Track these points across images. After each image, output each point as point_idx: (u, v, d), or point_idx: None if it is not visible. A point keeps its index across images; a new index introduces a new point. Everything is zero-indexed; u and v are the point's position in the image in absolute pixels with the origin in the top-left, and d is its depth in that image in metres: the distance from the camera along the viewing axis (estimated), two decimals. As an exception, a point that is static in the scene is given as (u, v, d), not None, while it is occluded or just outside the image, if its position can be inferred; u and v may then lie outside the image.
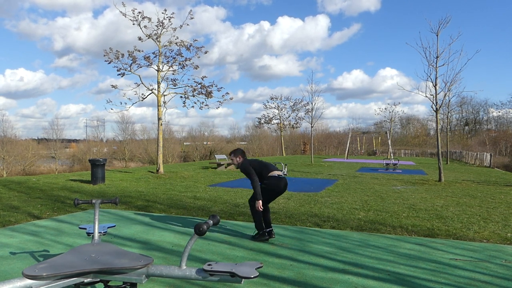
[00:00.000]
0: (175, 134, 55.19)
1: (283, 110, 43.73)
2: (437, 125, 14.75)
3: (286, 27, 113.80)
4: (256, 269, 2.49)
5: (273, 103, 43.66)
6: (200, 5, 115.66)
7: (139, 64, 15.54)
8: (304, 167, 21.40)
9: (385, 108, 50.12)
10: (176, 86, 16.23)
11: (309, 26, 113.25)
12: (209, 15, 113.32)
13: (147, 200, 8.55)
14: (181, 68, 16.00)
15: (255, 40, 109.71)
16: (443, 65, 13.82)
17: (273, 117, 44.05)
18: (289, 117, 43.98)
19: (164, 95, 15.81)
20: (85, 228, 3.55)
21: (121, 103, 24.65)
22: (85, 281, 2.43)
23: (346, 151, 34.30)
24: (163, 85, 15.82)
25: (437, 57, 13.61)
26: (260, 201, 4.94)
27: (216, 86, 16.45)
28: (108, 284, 2.63)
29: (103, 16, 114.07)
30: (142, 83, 15.78)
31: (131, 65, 15.44)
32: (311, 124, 26.03)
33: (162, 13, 15.90)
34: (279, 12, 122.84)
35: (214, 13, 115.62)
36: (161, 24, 15.39)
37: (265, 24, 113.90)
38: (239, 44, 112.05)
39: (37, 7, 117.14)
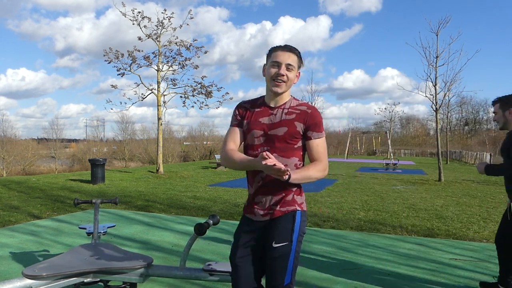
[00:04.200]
0: (175, 134, 55.13)
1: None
2: (437, 125, 14.75)
3: (288, 27, 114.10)
4: (256, 269, 2.49)
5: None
6: (202, 5, 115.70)
7: (139, 64, 15.55)
8: (304, 167, 21.38)
9: (385, 108, 50.08)
10: (176, 86, 16.23)
11: (311, 27, 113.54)
12: (212, 16, 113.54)
13: (147, 200, 8.55)
14: (181, 68, 16.00)
15: (256, 40, 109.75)
16: (443, 65, 13.84)
17: (273, 117, 43.97)
18: (289, 117, 43.92)
19: (164, 95, 15.81)
20: (85, 228, 3.55)
21: (121, 103, 24.68)
22: (85, 281, 2.43)
23: (346, 151, 34.31)
24: (163, 85, 15.83)
25: (437, 57, 13.61)
26: None
27: (216, 86, 16.45)
28: (108, 284, 2.63)
29: (105, 16, 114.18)
30: (142, 83, 15.78)
31: (131, 65, 15.45)
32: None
33: (162, 13, 15.90)
34: (281, 12, 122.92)
35: (216, 13, 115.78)
36: (161, 24, 15.38)
37: (267, 24, 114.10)
38: (241, 44, 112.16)
39: (39, 8, 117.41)
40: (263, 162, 1.69)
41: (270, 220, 1.93)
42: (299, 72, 2.03)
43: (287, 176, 1.77)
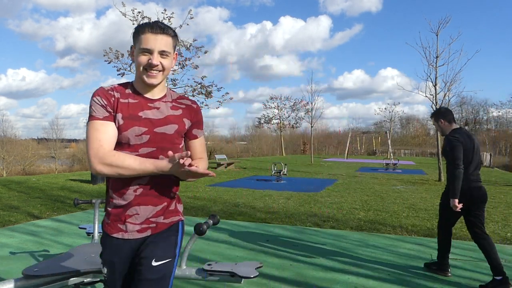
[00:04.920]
0: (175, 134, 55.15)
1: (283, 110, 43.74)
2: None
3: (288, 27, 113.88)
4: (256, 269, 2.50)
5: (273, 103, 43.69)
6: (203, 6, 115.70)
7: (139, 64, 15.54)
8: (304, 167, 21.40)
9: (385, 108, 50.09)
10: (176, 86, 16.23)
11: (311, 27, 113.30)
12: (212, 16, 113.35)
13: (147, 200, 8.54)
14: (181, 68, 16.01)
15: (257, 40, 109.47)
16: (443, 65, 13.85)
17: (273, 117, 44.06)
18: (289, 117, 43.99)
19: (164, 95, 15.81)
20: (85, 228, 3.55)
21: (121, 103, 24.68)
22: (85, 281, 2.43)
23: (346, 151, 34.31)
24: (163, 85, 15.83)
25: (437, 57, 13.62)
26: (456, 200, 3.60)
27: (216, 86, 16.47)
28: (108, 284, 2.63)
29: (105, 16, 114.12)
30: (142, 83, 15.78)
31: (131, 65, 15.43)
32: (311, 124, 26.05)
33: (162, 13, 15.89)
34: (281, 12, 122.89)
35: (217, 13, 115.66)
36: (161, 24, 15.38)
37: (267, 24, 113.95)
38: (241, 44, 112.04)
39: (40, 8, 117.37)
40: (192, 168, 1.41)
41: (149, 235, 1.60)
42: (176, 53, 1.66)
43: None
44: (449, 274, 3.80)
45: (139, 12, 15.24)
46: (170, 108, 1.63)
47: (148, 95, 1.61)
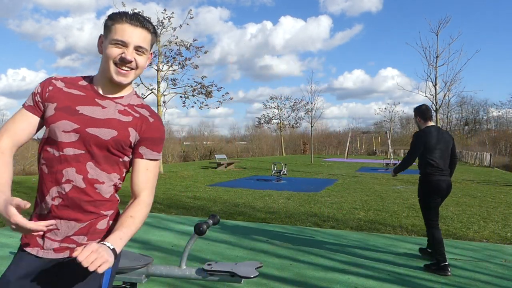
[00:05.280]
0: (175, 134, 55.17)
1: (283, 110, 43.74)
2: (436, 125, 14.76)
3: (288, 27, 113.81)
4: (256, 269, 2.50)
5: (273, 103, 43.69)
6: (203, 6, 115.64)
7: (139, 64, 15.53)
8: (304, 167, 21.40)
9: (385, 108, 50.18)
10: (176, 86, 16.24)
11: (312, 27, 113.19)
12: (213, 16, 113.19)
13: (147, 200, 8.54)
14: (181, 68, 16.01)
15: (257, 40, 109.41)
16: (443, 65, 13.90)
17: (273, 117, 44.05)
18: (289, 117, 43.99)
19: (164, 95, 15.82)
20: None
21: (121, 103, 24.67)
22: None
23: (346, 151, 34.31)
24: (163, 85, 15.83)
25: (437, 57, 13.64)
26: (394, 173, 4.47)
27: (216, 86, 16.47)
28: (108, 284, 2.62)
29: (106, 16, 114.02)
30: (142, 83, 15.78)
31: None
32: (311, 124, 26.06)
33: (162, 13, 15.91)
34: (281, 12, 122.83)
35: (217, 13, 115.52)
36: (160, 24, 15.39)
37: (268, 24, 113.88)
38: (241, 44, 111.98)
39: (40, 8, 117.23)
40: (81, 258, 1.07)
41: (67, 258, 1.29)
42: (152, 54, 1.45)
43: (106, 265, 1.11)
44: (449, 274, 3.82)
45: (138, 12, 15.27)
46: (117, 111, 1.35)
47: (101, 90, 1.38)
